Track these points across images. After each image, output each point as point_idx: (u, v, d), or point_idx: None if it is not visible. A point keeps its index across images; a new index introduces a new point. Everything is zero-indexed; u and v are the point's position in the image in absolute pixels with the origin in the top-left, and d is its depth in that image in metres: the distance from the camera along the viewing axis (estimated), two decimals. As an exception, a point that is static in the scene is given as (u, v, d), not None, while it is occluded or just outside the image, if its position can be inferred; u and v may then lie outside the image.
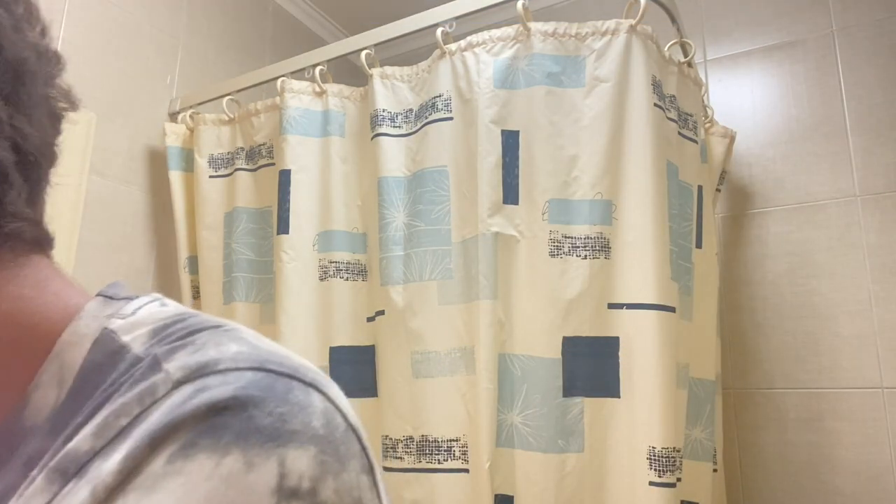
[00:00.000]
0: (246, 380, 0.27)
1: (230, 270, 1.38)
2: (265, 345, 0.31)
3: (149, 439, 0.25)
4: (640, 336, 1.02)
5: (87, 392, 0.29)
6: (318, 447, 0.27)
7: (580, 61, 1.12)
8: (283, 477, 0.25)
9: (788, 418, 1.52)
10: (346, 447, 0.28)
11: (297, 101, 1.34)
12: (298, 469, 0.26)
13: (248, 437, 0.26)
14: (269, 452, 0.26)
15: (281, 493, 0.25)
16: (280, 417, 0.27)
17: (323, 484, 0.26)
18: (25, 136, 0.32)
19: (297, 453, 0.26)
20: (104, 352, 0.31)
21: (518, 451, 1.04)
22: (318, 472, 0.26)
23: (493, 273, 1.09)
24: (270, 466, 0.25)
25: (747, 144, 1.66)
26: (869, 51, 1.58)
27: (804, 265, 1.56)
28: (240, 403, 0.26)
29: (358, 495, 0.28)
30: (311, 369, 0.31)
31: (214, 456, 0.25)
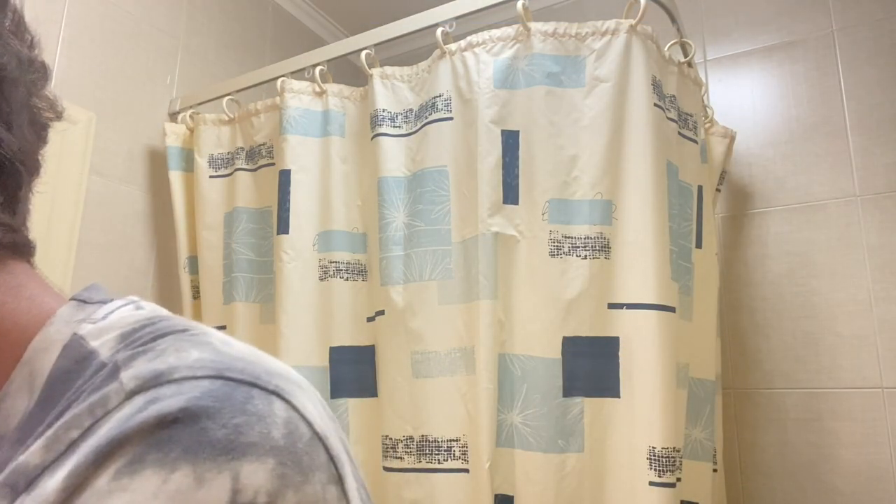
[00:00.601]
0: (201, 389, 0.26)
1: (230, 270, 1.38)
2: (232, 350, 0.30)
3: (94, 455, 0.24)
4: (640, 336, 1.02)
5: (53, 400, 0.29)
6: (278, 459, 0.26)
7: (580, 61, 1.12)
8: (236, 493, 0.24)
9: (788, 418, 1.52)
10: (311, 458, 0.27)
11: (297, 101, 1.34)
12: (254, 484, 0.25)
13: (198, 452, 0.24)
14: (221, 467, 0.24)
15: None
16: (235, 429, 0.25)
17: (282, 498, 0.25)
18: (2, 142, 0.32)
19: (252, 467, 0.25)
20: (72, 358, 0.30)
21: (518, 451, 1.04)
22: (277, 486, 0.25)
23: (493, 273, 1.09)
24: (222, 482, 0.24)
25: (747, 144, 1.66)
26: (869, 51, 1.58)
27: (804, 265, 1.57)
28: (191, 415, 0.25)
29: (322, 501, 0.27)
30: (277, 375, 0.29)
31: (162, 472, 0.24)
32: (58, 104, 0.37)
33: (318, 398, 0.32)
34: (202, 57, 1.69)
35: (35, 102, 0.35)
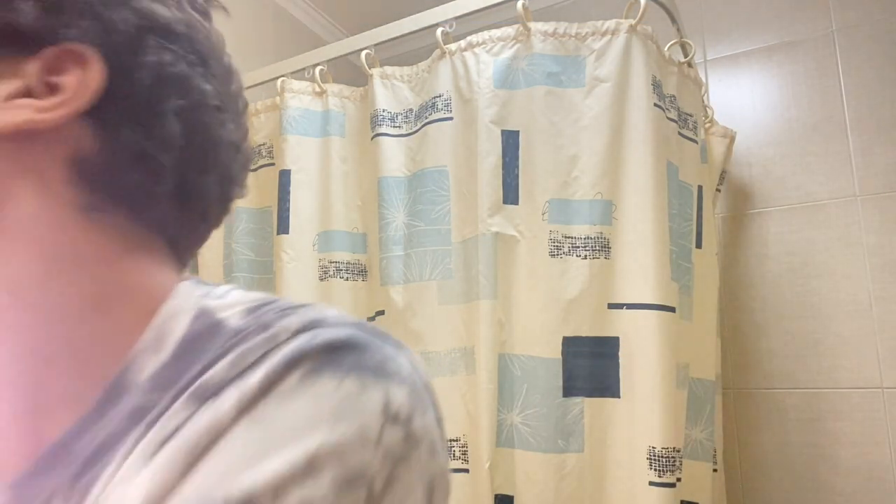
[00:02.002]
0: (351, 330, 0.33)
1: (230, 270, 1.38)
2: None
3: (284, 362, 0.30)
4: (640, 336, 1.02)
5: (190, 357, 0.34)
6: (410, 388, 0.32)
7: (580, 61, 1.12)
8: (387, 403, 0.31)
9: (788, 418, 1.52)
10: (427, 397, 0.33)
11: (297, 101, 1.34)
12: (398, 400, 0.31)
13: (361, 369, 0.31)
14: (377, 382, 0.31)
15: (386, 416, 0.30)
16: (383, 360, 0.32)
17: (414, 418, 0.31)
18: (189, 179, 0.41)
19: (397, 389, 0.31)
20: (204, 324, 0.35)
21: (518, 451, 1.04)
22: (411, 407, 0.31)
23: (493, 273, 1.09)
24: (378, 393, 0.31)
25: (747, 144, 1.66)
26: (869, 51, 1.58)
27: (804, 265, 1.57)
28: (351, 345, 0.32)
29: (432, 438, 0.32)
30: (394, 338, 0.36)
31: (335, 379, 0.30)
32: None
33: None
34: (202, 57, 1.68)
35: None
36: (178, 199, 0.41)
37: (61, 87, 0.36)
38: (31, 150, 0.36)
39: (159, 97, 0.39)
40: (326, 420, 0.29)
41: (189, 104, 0.40)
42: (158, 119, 0.39)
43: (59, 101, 0.36)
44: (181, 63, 0.40)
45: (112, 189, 0.38)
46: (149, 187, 0.39)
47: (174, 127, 0.39)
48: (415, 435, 0.31)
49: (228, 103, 0.45)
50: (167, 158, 0.39)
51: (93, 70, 0.36)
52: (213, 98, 0.42)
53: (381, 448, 0.30)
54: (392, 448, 0.30)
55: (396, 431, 0.30)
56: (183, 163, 0.40)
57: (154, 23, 0.39)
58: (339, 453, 0.29)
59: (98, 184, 0.37)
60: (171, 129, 0.39)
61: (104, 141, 0.37)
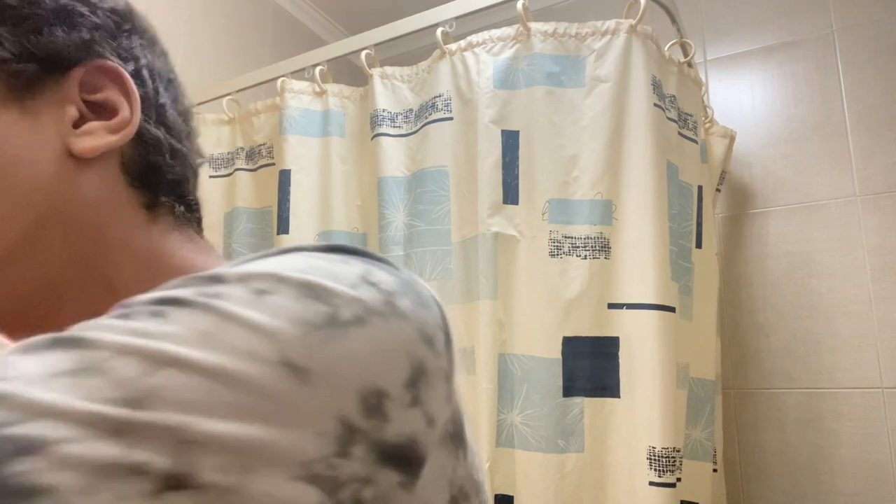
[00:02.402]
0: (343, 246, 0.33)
1: (230, 270, 1.38)
2: None
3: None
4: (640, 336, 1.02)
5: None
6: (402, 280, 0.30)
7: (580, 61, 1.12)
8: (367, 273, 0.29)
9: (788, 418, 1.52)
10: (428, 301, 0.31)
11: (297, 101, 1.34)
12: (381, 278, 0.29)
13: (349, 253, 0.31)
14: (361, 261, 0.30)
15: (363, 279, 0.29)
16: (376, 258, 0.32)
17: (400, 297, 0.29)
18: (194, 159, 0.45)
19: (382, 272, 0.30)
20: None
21: (518, 451, 1.04)
22: (399, 289, 0.29)
23: (493, 273, 1.09)
24: (359, 266, 0.30)
25: (747, 144, 1.66)
26: (869, 51, 1.58)
27: (804, 265, 1.57)
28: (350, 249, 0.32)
29: (431, 334, 0.30)
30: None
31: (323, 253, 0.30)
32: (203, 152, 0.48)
33: None
34: (202, 57, 1.69)
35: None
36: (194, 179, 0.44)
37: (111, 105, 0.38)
38: (103, 168, 0.38)
39: (158, 92, 0.41)
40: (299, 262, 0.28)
41: (173, 94, 0.43)
42: (166, 113, 0.41)
43: (123, 120, 0.38)
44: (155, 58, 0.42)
45: (162, 185, 0.41)
46: (182, 176, 0.42)
47: (176, 118, 0.42)
48: (399, 309, 0.29)
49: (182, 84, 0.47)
50: (184, 147, 0.42)
51: (127, 81, 0.38)
52: (180, 85, 0.45)
53: (353, 292, 0.28)
54: (365, 299, 0.28)
55: (374, 292, 0.28)
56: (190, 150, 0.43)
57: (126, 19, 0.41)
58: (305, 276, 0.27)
59: (150, 182, 0.40)
60: (177, 120, 0.42)
61: (139, 142, 0.40)
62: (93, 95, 0.38)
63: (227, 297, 0.26)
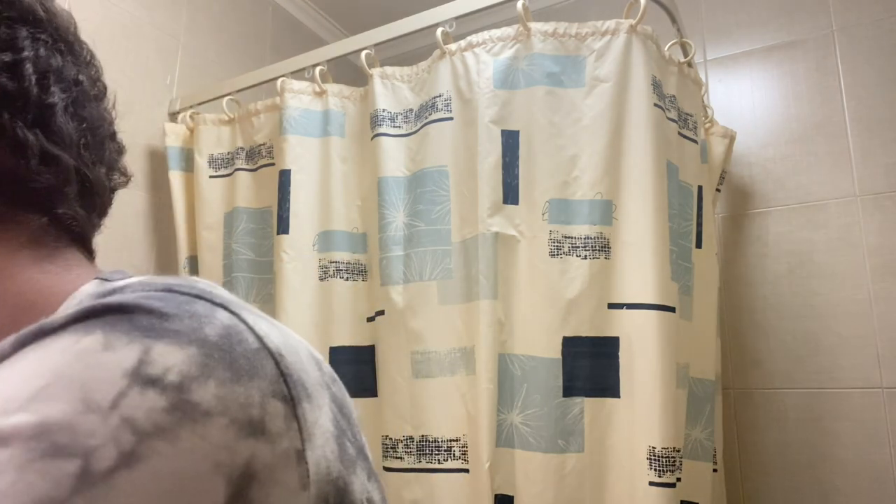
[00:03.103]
0: (144, 294, 0.28)
1: (230, 270, 1.38)
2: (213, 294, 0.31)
3: (37, 329, 0.26)
4: (640, 336, 1.02)
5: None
6: (203, 350, 0.26)
7: (580, 61, 1.12)
8: (143, 363, 0.24)
9: (788, 418, 1.52)
10: (252, 365, 0.26)
11: (297, 101, 1.34)
12: (166, 362, 0.25)
13: (115, 326, 0.25)
14: (132, 339, 0.25)
15: (135, 377, 0.24)
16: (163, 318, 0.26)
17: (199, 385, 0.25)
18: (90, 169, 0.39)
19: (168, 348, 0.25)
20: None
21: (518, 451, 1.04)
22: (196, 372, 0.25)
23: (493, 273, 1.09)
24: (131, 351, 0.25)
25: (747, 144, 1.66)
26: (869, 51, 1.58)
27: (804, 265, 1.57)
28: (123, 307, 0.26)
29: (258, 415, 0.25)
30: (242, 307, 0.30)
31: (76, 335, 0.25)
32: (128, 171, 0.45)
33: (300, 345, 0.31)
34: (202, 57, 1.69)
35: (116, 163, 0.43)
36: (80, 195, 0.39)
37: None
38: None
39: (46, 93, 0.37)
40: (42, 378, 0.24)
41: (72, 97, 0.39)
42: (52, 116, 0.37)
43: None
44: (56, 54, 0.38)
45: (24, 196, 0.36)
46: (59, 188, 0.37)
47: (67, 122, 0.38)
48: (196, 405, 0.24)
49: (100, 91, 0.43)
50: (68, 156, 0.37)
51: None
52: (90, 87, 0.41)
53: (116, 415, 0.23)
54: (137, 418, 0.23)
55: (152, 397, 0.24)
56: (80, 158, 0.38)
57: (20, 11, 0.37)
58: (41, 419, 0.22)
59: (9, 193, 0.35)
60: (66, 125, 0.37)
61: (5, 146, 0.35)
62: None
63: None
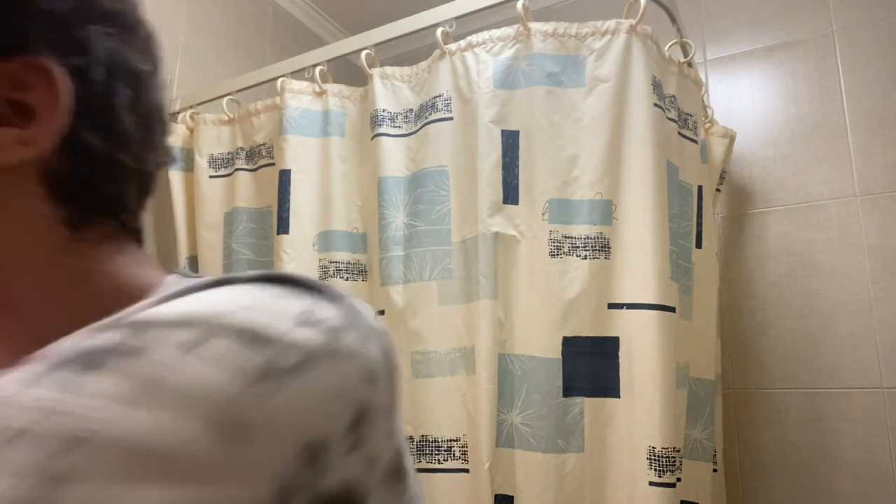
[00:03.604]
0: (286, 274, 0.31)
1: (230, 270, 1.38)
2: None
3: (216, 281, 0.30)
4: (640, 336, 1.02)
5: None
6: (347, 312, 0.29)
7: (580, 61, 1.12)
8: (311, 311, 0.28)
9: (788, 418, 1.52)
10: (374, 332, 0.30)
11: (297, 101, 1.34)
12: (326, 313, 0.28)
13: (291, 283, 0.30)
14: (303, 294, 0.29)
15: (306, 317, 0.28)
16: (321, 287, 0.30)
17: (346, 334, 0.28)
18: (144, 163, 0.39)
19: (328, 305, 0.29)
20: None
21: (518, 451, 1.04)
22: (344, 324, 0.29)
23: (493, 273, 1.09)
24: (303, 301, 0.29)
25: (747, 144, 1.66)
26: (869, 51, 1.58)
27: (804, 265, 1.57)
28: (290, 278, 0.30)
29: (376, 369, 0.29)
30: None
31: (265, 285, 0.29)
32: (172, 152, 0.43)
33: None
34: (202, 57, 1.69)
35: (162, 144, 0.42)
36: (138, 194, 0.40)
37: (33, 110, 0.33)
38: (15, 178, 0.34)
39: (112, 93, 0.36)
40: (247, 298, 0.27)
41: (136, 93, 0.38)
42: (115, 118, 0.36)
43: (42, 131, 0.33)
44: (123, 47, 0.37)
45: (91, 201, 0.36)
46: (121, 192, 0.38)
47: (130, 123, 0.37)
48: (342, 350, 0.27)
49: (157, 70, 0.41)
50: (130, 158, 0.38)
51: (61, 84, 0.33)
52: (151, 77, 0.40)
53: (291, 337, 0.26)
54: (304, 344, 0.27)
55: (313, 333, 0.27)
56: (138, 158, 0.38)
57: (86, 3, 0.35)
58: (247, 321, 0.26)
59: (76, 197, 0.36)
60: (128, 126, 0.37)
61: (71, 152, 0.35)
62: (19, 94, 0.33)
63: (151, 354, 0.24)
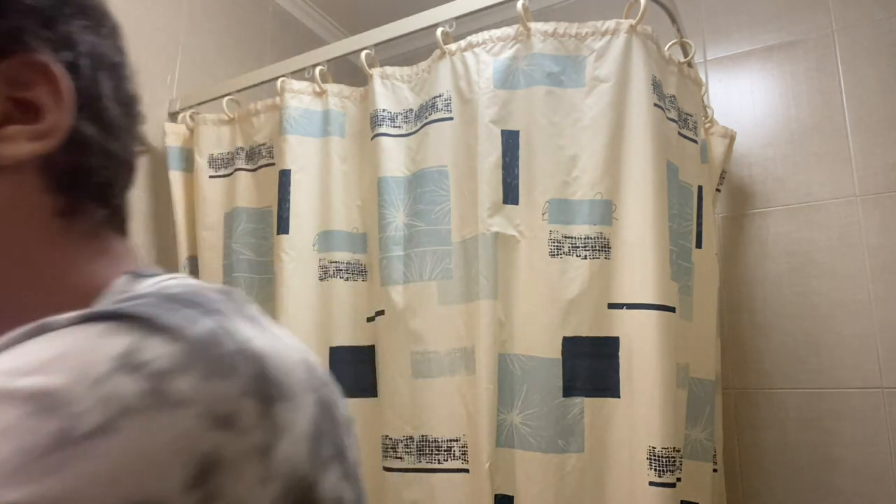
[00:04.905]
0: (142, 302, 0.29)
1: (230, 270, 1.38)
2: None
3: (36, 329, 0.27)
4: (640, 336, 1.02)
5: None
6: (186, 348, 0.26)
7: (580, 61, 1.12)
8: (134, 350, 0.25)
9: (788, 418, 1.52)
10: (231, 364, 0.27)
11: (297, 101, 1.34)
12: (156, 351, 0.26)
13: (119, 319, 0.27)
14: (130, 330, 0.26)
15: (120, 362, 0.25)
16: (157, 316, 0.27)
17: (178, 377, 0.25)
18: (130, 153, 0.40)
19: (159, 341, 0.26)
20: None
21: (518, 451, 1.04)
22: (176, 366, 0.26)
23: (493, 273, 1.09)
24: (124, 339, 0.26)
25: (747, 144, 1.66)
26: (869, 51, 1.58)
27: (804, 265, 1.56)
28: (122, 314, 0.27)
29: (230, 410, 0.26)
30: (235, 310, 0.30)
31: (85, 326, 0.27)
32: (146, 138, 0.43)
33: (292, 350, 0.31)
34: (202, 57, 1.69)
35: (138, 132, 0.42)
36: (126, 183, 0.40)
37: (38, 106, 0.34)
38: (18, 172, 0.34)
39: (98, 84, 0.37)
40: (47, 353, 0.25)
41: (115, 81, 0.38)
42: (104, 108, 0.37)
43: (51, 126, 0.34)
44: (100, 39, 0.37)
45: (90, 190, 0.37)
46: (113, 181, 0.38)
47: (116, 110, 0.37)
48: (172, 394, 0.25)
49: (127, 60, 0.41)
50: (118, 147, 0.38)
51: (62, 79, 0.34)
52: (125, 67, 0.40)
53: (100, 389, 0.24)
54: (117, 395, 0.24)
55: (133, 381, 0.25)
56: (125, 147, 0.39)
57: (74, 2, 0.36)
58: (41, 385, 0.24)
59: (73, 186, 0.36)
60: (114, 115, 0.37)
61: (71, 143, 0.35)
62: (21, 93, 0.34)
63: None
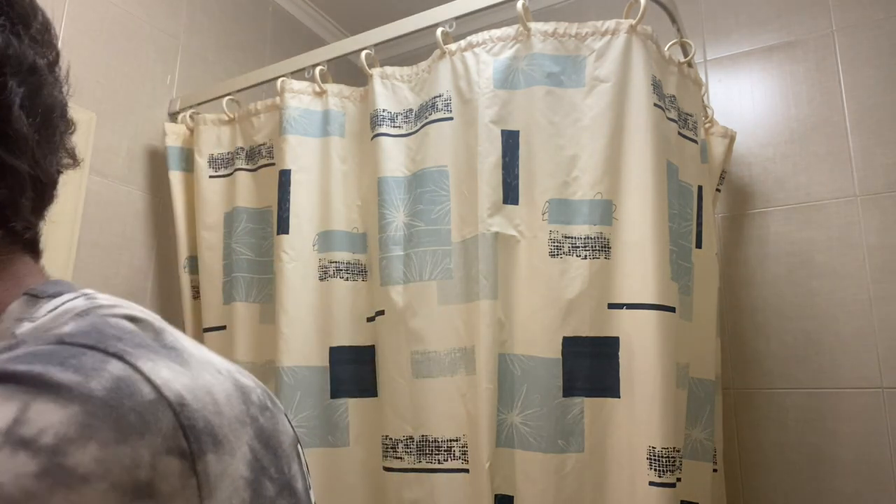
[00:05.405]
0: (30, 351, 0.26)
1: (230, 270, 1.38)
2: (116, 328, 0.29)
3: None
4: (640, 336, 1.02)
5: None
6: (85, 408, 0.24)
7: (580, 61, 1.12)
8: (18, 422, 0.23)
9: (788, 418, 1.52)
10: (142, 420, 0.24)
11: (296, 101, 1.34)
12: (42, 422, 0.23)
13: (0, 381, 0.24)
14: (12, 395, 0.23)
15: (7, 438, 0.23)
16: (46, 370, 0.24)
17: (78, 447, 0.23)
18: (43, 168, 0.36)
19: (47, 406, 0.23)
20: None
21: (518, 451, 1.04)
22: (74, 434, 0.23)
23: (493, 273, 1.09)
24: (8, 409, 0.23)
25: (747, 144, 1.66)
26: (869, 51, 1.58)
27: (804, 265, 1.56)
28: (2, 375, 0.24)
29: (147, 476, 0.24)
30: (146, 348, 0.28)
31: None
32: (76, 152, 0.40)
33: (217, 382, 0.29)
34: (202, 57, 1.69)
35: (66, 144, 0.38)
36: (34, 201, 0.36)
37: None
38: None
39: (3, 91, 0.33)
40: None
41: (29, 88, 0.34)
42: (8, 119, 0.33)
43: None
44: (13, 39, 0.33)
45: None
46: (14, 200, 0.34)
47: (23, 121, 0.33)
48: (71, 470, 0.22)
49: (55, 66, 0.37)
50: (23, 163, 0.34)
51: None
52: (47, 71, 0.36)
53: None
54: (6, 481, 0.22)
55: (23, 460, 0.22)
56: (34, 162, 0.35)
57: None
58: None
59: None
60: (22, 126, 0.33)
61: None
62: None
63: None
